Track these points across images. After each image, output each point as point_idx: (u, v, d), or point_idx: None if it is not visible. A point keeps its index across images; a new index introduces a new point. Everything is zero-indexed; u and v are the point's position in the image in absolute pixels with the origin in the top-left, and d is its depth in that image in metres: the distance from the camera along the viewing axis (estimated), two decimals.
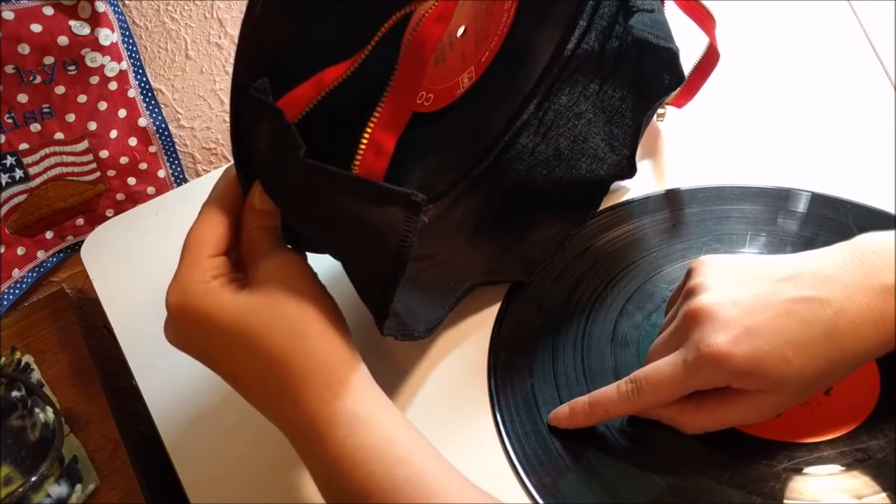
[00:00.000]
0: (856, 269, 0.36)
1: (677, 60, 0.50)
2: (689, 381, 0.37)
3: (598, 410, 0.41)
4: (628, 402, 0.40)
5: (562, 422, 0.42)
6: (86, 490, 0.53)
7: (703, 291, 0.39)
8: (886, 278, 0.35)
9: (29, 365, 0.61)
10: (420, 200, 0.33)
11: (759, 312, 0.36)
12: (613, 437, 0.42)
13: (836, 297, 0.35)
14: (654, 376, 0.39)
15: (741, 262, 0.40)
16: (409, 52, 0.36)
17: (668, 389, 0.38)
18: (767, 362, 0.35)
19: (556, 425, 0.43)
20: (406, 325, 0.42)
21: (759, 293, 0.37)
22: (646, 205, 0.56)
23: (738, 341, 0.36)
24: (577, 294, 0.50)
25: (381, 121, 0.37)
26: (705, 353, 0.36)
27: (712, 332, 0.36)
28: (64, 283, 0.72)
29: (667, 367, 0.38)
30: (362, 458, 0.34)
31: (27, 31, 0.56)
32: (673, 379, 0.38)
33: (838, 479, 0.37)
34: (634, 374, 0.40)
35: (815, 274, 0.37)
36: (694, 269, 0.41)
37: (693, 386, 0.38)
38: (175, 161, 0.73)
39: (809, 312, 0.36)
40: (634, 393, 0.39)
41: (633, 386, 0.39)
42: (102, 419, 0.57)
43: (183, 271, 0.36)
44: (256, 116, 0.35)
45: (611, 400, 0.40)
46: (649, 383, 0.39)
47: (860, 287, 0.35)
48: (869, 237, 0.37)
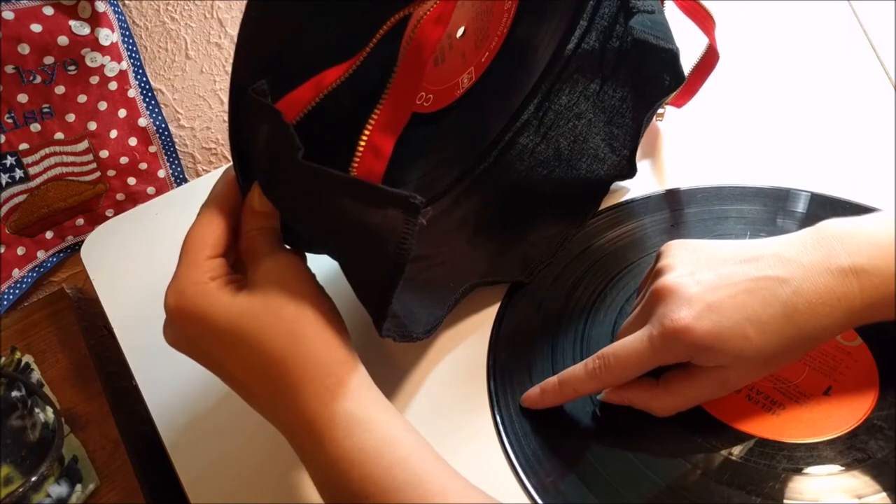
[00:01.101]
0: (815, 251, 0.37)
1: (677, 61, 0.50)
2: (654, 356, 0.39)
3: (567, 389, 0.42)
4: (596, 378, 0.41)
5: (533, 403, 0.44)
6: (86, 490, 0.53)
7: (670, 271, 0.40)
8: (844, 260, 0.37)
9: (29, 365, 0.61)
10: (418, 202, 0.33)
11: (722, 290, 0.38)
12: (614, 437, 0.42)
13: (794, 277, 0.37)
14: (620, 352, 0.40)
15: (708, 245, 0.41)
16: (407, 54, 0.36)
17: (634, 365, 0.39)
18: (728, 337, 0.37)
19: (529, 406, 0.44)
20: (405, 326, 0.42)
21: (722, 273, 0.38)
22: (645, 205, 0.56)
23: (700, 317, 0.37)
24: (576, 294, 0.50)
25: (380, 123, 0.37)
26: (669, 327, 0.37)
27: (676, 308, 0.38)
28: (64, 283, 0.72)
29: (633, 343, 0.39)
30: (361, 459, 0.34)
31: (27, 31, 0.56)
32: (638, 354, 0.39)
33: (838, 478, 0.37)
34: (601, 351, 0.41)
35: (776, 256, 0.38)
36: (662, 251, 0.42)
37: (657, 361, 0.39)
38: (175, 161, 0.73)
39: (768, 291, 0.37)
40: (601, 369, 0.40)
41: (600, 363, 0.40)
42: (102, 419, 0.57)
43: (181, 272, 0.36)
44: (255, 118, 0.35)
45: (579, 378, 0.41)
46: (616, 359, 0.40)
47: (818, 268, 0.37)
48: (831, 223, 0.39)
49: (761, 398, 0.41)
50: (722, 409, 0.41)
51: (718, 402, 0.41)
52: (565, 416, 0.43)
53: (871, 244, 0.37)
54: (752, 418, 0.41)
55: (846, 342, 0.43)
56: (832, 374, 0.42)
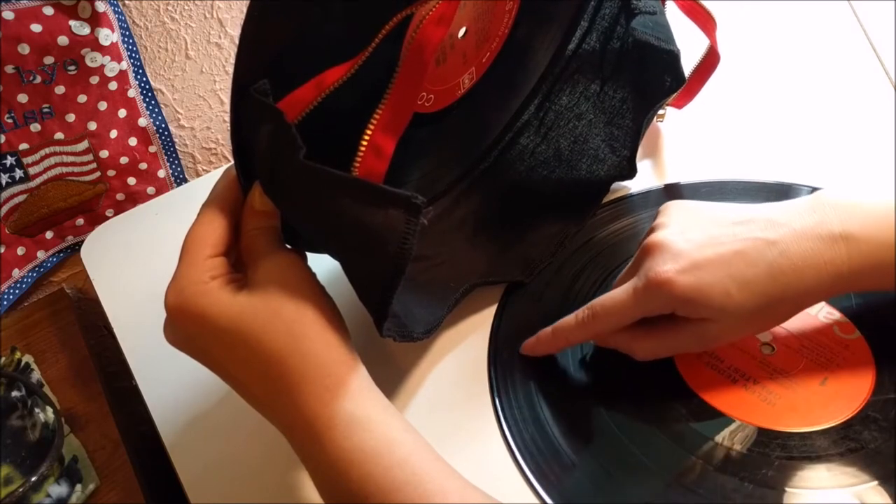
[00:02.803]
0: (808, 217, 0.38)
1: (678, 63, 0.50)
2: (638, 306, 0.40)
3: (560, 337, 0.44)
4: (584, 327, 0.43)
5: (531, 349, 0.46)
6: (86, 490, 0.53)
7: (662, 229, 0.42)
8: (836, 227, 0.37)
9: (29, 365, 0.61)
10: (420, 203, 0.33)
11: (709, 249, 0.39)
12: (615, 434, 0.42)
13: (783, 239, 0.38)
14: (607, 302, 0.42)
15: (704, 206, 0.43)
16: (409, 54, 0.36)
17: (619, 314, 0.41)
18: (709, 292, 0.38)
19: (527, 353, 0.46)
20: (405, 326, 0.42)
21: (712, 234, 0.40)
22: (647, 198, 0.56)
23: (684, 271, 0.38)
24: (577, 286, 0.51)
25: (381, 123, 0.37)
26: (653, 279, 0.39)
27: (661, 263, 0.39)
28: (64, 283, 0.72)
29: (619, 294, 0.41)
30: (361, 459, 0.34)
31: (27, 31, 0.56)
32: (623, 305, 0.41)
33: (830, 467, 0.38)
34: (591, 302, 0.43)
35: (768, 220, 0.39)
36: (661, 210, 0.44)
37: (641, 311, 0.41)
38: (175, 161, 0.73)
39: (755, 251, 0.38)
40: (589, 318, 0.42)
41: (588, 312, 0.42)
42: (102, 419, 0.57)
43: (181, 272, 0.36)
44: (257, 117, 0.35)
45: (570, 326, 0.44)
46: (603, 308, 0.42)
47: (808, 233, 0.38)
48: (828, 191, 0.40)
49: (758, 388, 0.42)
50: (718, 397, 0.42)
51: (715, 391, 0.42)
52: (566, 415, 0.43)
53: (865, 213, 0.38)
54: (747, 407, 0.41)
55: (844, 335, 0.43)
56: (829, 366, 0.42)
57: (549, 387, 0.45)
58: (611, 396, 0.44)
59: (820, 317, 0.45)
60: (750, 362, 0.43)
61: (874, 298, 0.45)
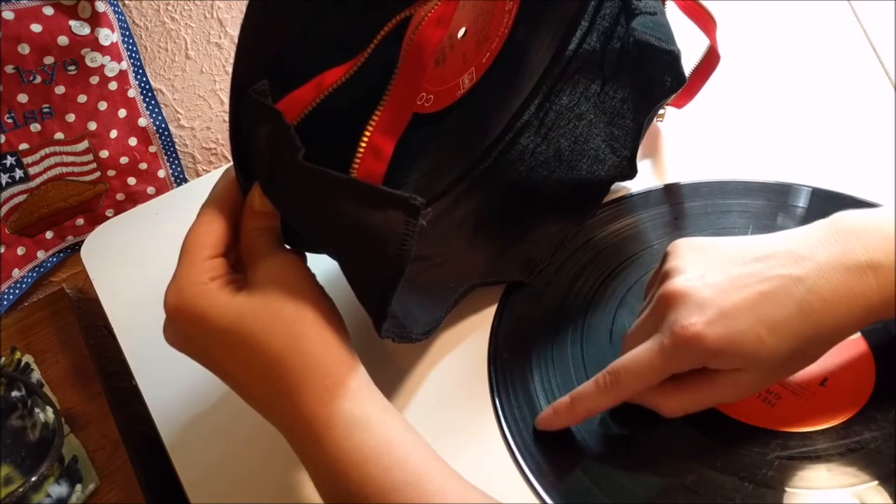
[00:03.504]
0: (830, 247, 0.36)
1: (679, 63, 0.50)
2: (667, 365, 0.37)
3: (580, 407, 0.41)
4: (608, 394, 0.39)
5: (548, 424, 0.42)
6: (86, 490, 0.53)
7: (678, 274, 0.39)
8: (861, 256, 0.35)
9: (29, 365, 0.61)
10: (419, 204, 0.33)
11: (733, 293, 0.36)
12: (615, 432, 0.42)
13: (809, 274, 0.36)
14: (631, 365, 0.38)
15: (717, 244, 0.40)
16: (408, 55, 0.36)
17: (647, 376, 0.38)
18: (741, 341, 0.36)
19: (543, 428, 0.42)
20: (404, 326, 0.42)
21: (732, 275, 0.37)
22: (647, 198, 0.56)
23: (712, 322, 0.36)
24: (577, 286, 0.50)
25: (380, 124, 0.37)
26: (680, 335, 0.36)
27: (686, 315, 0.36)
28: (64, 283, 0.72)
29: (644, 353, 0.38)
30: (360, 460, 0.34)
31: (27, 31, 0.56)
32: (651, 365, 0.38)
33: (831, 467, 0.38)
34: (612, 365, 0.39)
35: (789, 253, 0.37)
36: (669, 252, 0.41)
37: (671, 370, 0.38)
38: (175, 161, 0.73)
39: (782, 291, 0.36)
40: (614, 384, 0.39)
41: (611, 378, 0.39)
42: (102, 419, 0.57)
43: (181, 272, 0.36)
44: (256, 118, 0.35)
45: (591, 395, 0.40)
46: (627, 373, 0.38)
47: (834, 265, 0.36)
48: (846, 215, 0.38)
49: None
50: None
51: None
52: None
53: (887, 238, 0.36)
54: (747, 408, 0.41)
55: None
56: (829, 366, 0.42)
57: (549, 386, 0.45)
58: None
59: None
60: None
61: None
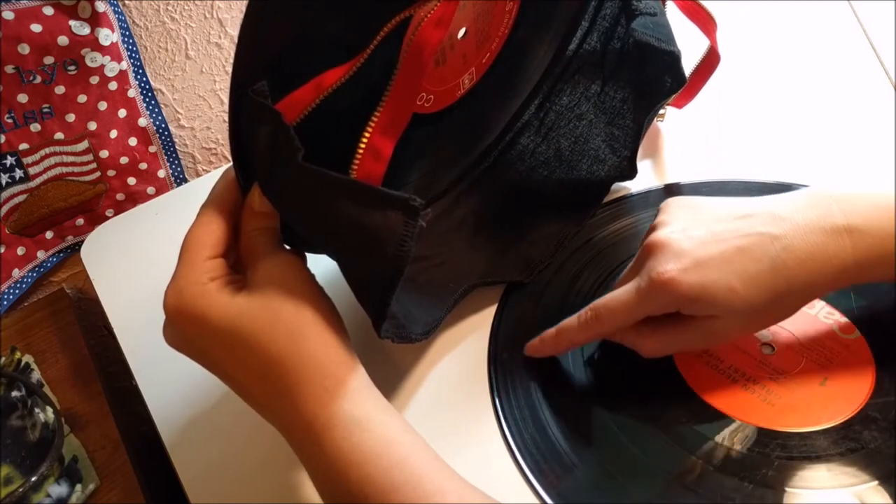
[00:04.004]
0: (811, 210, 0.38)
1: (679, 63, 0.50)
2: (641, 306, 0.40)
3: (563, 339, 0.44)
4: (588, 328, 0.42)
5: (535, 351, 0.46)
6: (86, 490, 0.53)
7: (664, 227, 0.41)
8: (839, 220, 0.37)
9: (29, 365, 0.61)
10: (418, 205, 0.33)
11: (711, 246, 0.39)
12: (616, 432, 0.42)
13: (786, 234, 0.38)
14: (610, 303, 0.41)
15: (705, 203, 0.42)
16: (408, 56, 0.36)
17: (623, 315, 0.41)
18: (714, 290, 0.38)
19: (531, 354, 0.46)
20: (404, 327, 0.42)
21: (714, 230, 0.39)
22: (647, 198, 0.56)
23: (687, 270, 0.38)
24: (577, 286, 0.51)
25: (380, 125, 0.37)
26: (655, 279, 0.39)
27: (664, 262, 0.39)
28: (64, 283, 0.72)
29: (622, 294, 0.41)
30: (360, 460, 0.34)
31: (27, 31, 0.56)
32: (627, 305, 0.40)
33: (831, 467, 0.38)
34: (593, 303, 0.42)
35: (770, 213, 0.39)
36: (661, 208, 0.44)
37: (645, 311, 0.40)
38: (175, 161, 0.73)
39: (758, 247, 0.38)
40: (594, 320, 0.42)
41: (592, 314, 0.42)
42: (102, 419, 0.57)
43: (180, 273, 0.36)
44: (255, 119, 0.35)
45: (573, 328, 0.43)
46: (606, 310, 0.41)
47: (812, 227, 0.38)
48: (831, 185, 0.40)
49: (758, 388, 0.42)
50: (718, 397, 0.42)
51: (715, 391, 0.42)
52: (566, 415, 0.43)
53: (868, 205, 0.38)
54: (747, 407, 0.41)
55: (844, 335, 0.43)
56: (829, 366, 0.42)
57: (549, 387, 0.45)
58: (611, 396, 0.44)
59: (820, 317, 0.45)
60: (750, 362, 0.43)
61: (874, 299, 0.45)
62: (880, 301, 0.45)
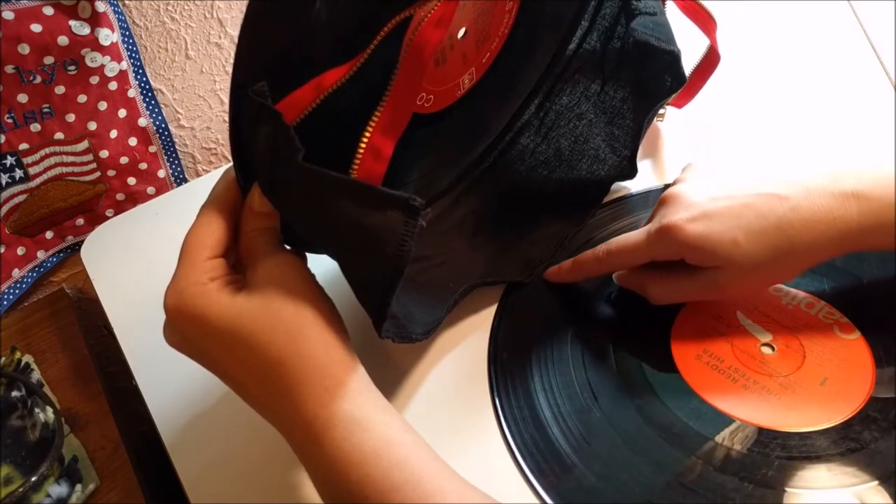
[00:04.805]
0: (821, 177, 0.40)
1: (679, 63, 0.50)
2: (649, 249, 0.44)
3: (579, 269, 0.49)
4: (601, 262, 0.47)
5: (553, 276, 0.51)
6: (86, 490, 0.53)
7: (681, 183, 0.46)
8: (848, 185, 0.39)
9: (29, 365, 0.61)
10: (418, 204, 0.33)
11: (721, 201, 0.41)
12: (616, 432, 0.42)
13: (794, 195, 0.40)
14: (622, 243, 0.46)
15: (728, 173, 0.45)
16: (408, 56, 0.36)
17: (632, 254, 0.45)
18: (717, 241, 0.40)
19: (549, 279, 0.51)
20: (404, 327, 0.42)
21: (726, 188, 0.42)
22: (647, 198, 0.56)
23: (694, 220, 0.41)
24: (577, 286, 0.51)
25: (380, 125, 0.37)
26: (664, 225, 0.42)
27: (674, 212, 0.42)
28: (64, 283, 0.72)
29: (634, 236, 0.45)
30: (360, 460, 0.34)
31: (27, 31, 0.56)
32: (637, 246, 0.44)
33: (830, 467, 0.38)
34: (609, 240, 0.47)
35: (783, 177, 0.41)
36: (684, 168, 0.48)
37: (651, 254, 0.44)
38: (175, 161, 0.73)
39: (766, 205, 0.40)
40: (606, 255, 0.46)
41: (605, 250, 0.46)
42: (102, 419, 0.57)
43: (180, 273, 0.36)
44: (255, 119, 0.35)
45: (588, 261, 0.48)
46: (618, 246, 0.46)
47: (820, 191, 0.39)
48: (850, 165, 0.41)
49: (758, 388, 0.42)
50: (718, 397, 0.42)
51: (715, 391, 0.42)
52: (566, 415, 0.43)
53: (878, 174, 0.39)
54: (747, 407, 0.41)
55: (844, 335, 0.44)
56: (829, 366, 0.42)
57: (549, 386, 0.45)
58: (611, 396, 0.44)
59: (820, 317, 0.45)
60: (750, 362, 0.43)
61: (874, 299, 0.45)
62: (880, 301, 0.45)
